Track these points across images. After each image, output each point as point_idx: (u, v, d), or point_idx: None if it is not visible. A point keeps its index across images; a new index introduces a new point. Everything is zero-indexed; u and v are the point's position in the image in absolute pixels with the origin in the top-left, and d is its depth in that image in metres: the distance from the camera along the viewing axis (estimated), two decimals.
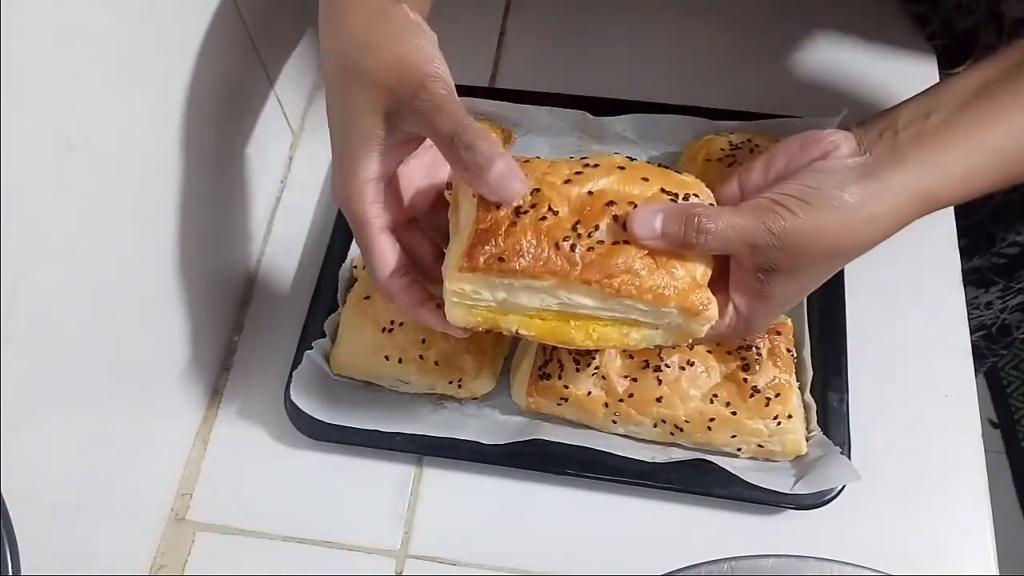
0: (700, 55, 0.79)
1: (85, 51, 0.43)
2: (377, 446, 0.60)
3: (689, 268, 0.44)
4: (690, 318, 0.44)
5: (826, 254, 0.45)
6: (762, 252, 0.43)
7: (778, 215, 0.43)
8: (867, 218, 0.43)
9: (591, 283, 0.43)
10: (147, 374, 0.55)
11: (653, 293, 0.43)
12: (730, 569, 0.47)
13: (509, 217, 0.43)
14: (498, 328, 0.45)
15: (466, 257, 0.43)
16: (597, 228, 0.43)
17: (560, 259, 0.43)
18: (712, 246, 0.43)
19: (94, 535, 0.52)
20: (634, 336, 0.46)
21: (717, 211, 0.44)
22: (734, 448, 0.58)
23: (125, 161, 0.49)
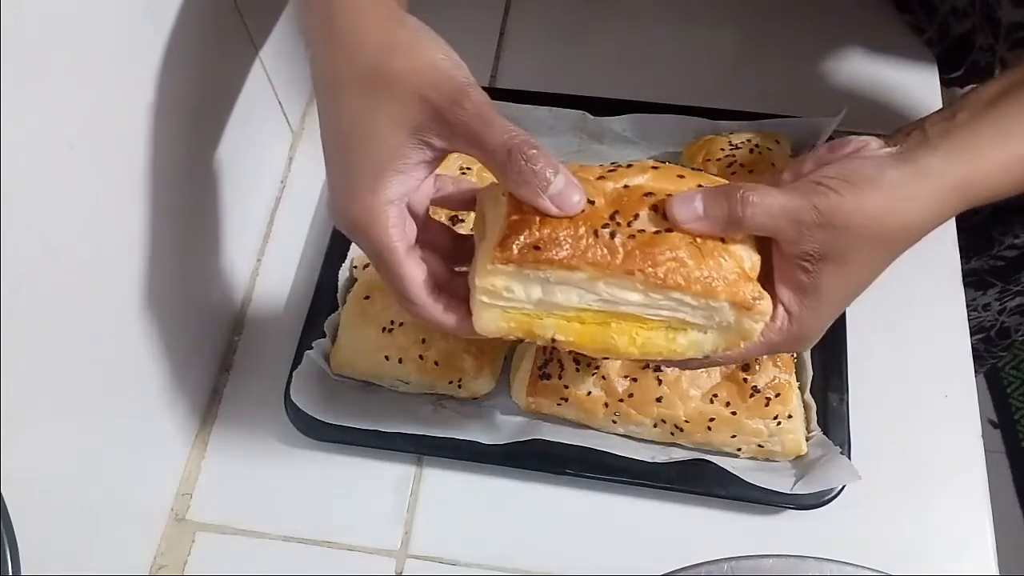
0: (700, 55, 0.79)
1: (85, 51, 0.43)
2: (377, 446, 0.60)
3: (737, 259, 0.41)
4: (742, 314, 0.41)
5: (871, 237, 0.42)
6: (808, 233, 0.41)
7: (822, 193, 0.41)
8: (907, 197, 0.42)
9: (634, 272, 0.39)
10: (147, 374, 0.55)
11: (702, 284, 0.39)
12: (730, 569, 0.47)
13: None
14: (532, 336, 0.42)
15: (499, 247, 0.39)
16: (636, 217, 0.41)
17: (600, 247, 0.39)
18: (759, 221, 0.41)
19: (94, 535, 0.52)
20: (681, 341, 0.42)
21: (760, 187, 0.42)
22: (734, 448, 0.58)
23: (125, 161, 0.49)
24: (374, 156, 0.41)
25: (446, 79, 0.40)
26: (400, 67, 0.40)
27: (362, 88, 0.41)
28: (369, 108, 0.40)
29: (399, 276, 0.43)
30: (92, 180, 0.46)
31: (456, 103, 0.39)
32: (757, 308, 0.40)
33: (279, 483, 0.61)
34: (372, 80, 0.40)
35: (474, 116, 0.39)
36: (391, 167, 0.41)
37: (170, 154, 0.53)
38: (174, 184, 0.55)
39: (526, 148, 0.39)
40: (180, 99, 0.53)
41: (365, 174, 0.41)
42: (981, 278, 0.86)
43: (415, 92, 0.40)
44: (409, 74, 0.40)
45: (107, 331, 0.50)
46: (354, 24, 0.42)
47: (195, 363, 0.62)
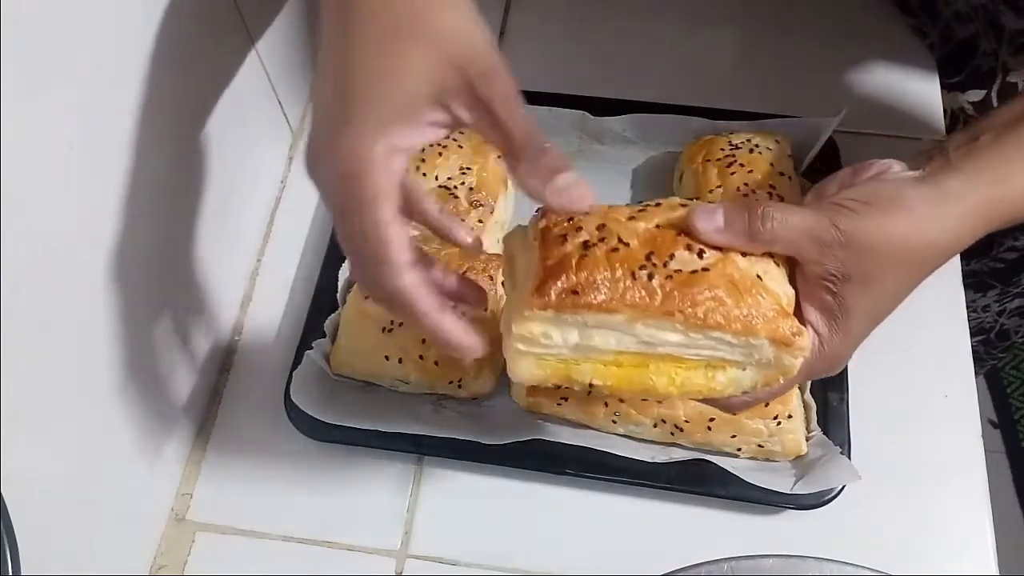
0: (700, 55, 0.79)
1: (85, 51, 0.43)
2: (377, 446, 0.60)
3: (774, 296, 0.41)
4: (781, 350, 0.41)
5: (895, 256, 0.42)
6: (829, 251, 0.41)
7: (843, 213, 0.41)
8: (932, 219, 0.42)
9: (674, 313, 0.39)
10: (147, 374, 0.55)
11: (741, 322, 0.39)
12: (730, 569, 0.47)
13: (579, 250, 0.40)
14: (569, 381, 0.42)
15: (536, 293, 0.39)
16: (672, 257, 0.40)
17: (638, 289, 0.39)
18: (780, 235, 0.41)
19: (94, 535, 0.52)
20: (720, 379, 0.42)
21: (781, 204, 0.42)
22: (734, 448, 0.58)
23: (125, 161, 0.49)
24: (392, 99, 0.37)
25: (483, 53, 0.38)
26: (438, 23, 0.38)
27: (391, 37, 0.37)
28: (401, 55, 0.37)
29: (385, 236, 0.37)
30: (92, 180, 0.46)
31: (489, 80, 0.38)
32: (797, 344, 0.40)
33: (279, 483, 0.61)
34: (404, 31, 0.37)
35: (504, 96, 0.38)
36: (407, 114, 0.37)
37: (170, 154, 0.53)
38: (174, 184, 0.55)
39: (540, 141, 0.39)
40: (180, 99, 0.53)
41: (376, 114, 0.37)
42: (981, 280, 0.86)
43: (452, 56, 0.37)
44: (447, 32, 0.38)
45: (107, 331, 0.50)
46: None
47: (195, 363, 0.62)
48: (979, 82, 0.75)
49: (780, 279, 0.42)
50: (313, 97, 0.40)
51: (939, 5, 0.75)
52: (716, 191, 0.63)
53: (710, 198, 0.63)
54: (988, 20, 0.72)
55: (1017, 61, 0.72)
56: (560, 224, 0.41)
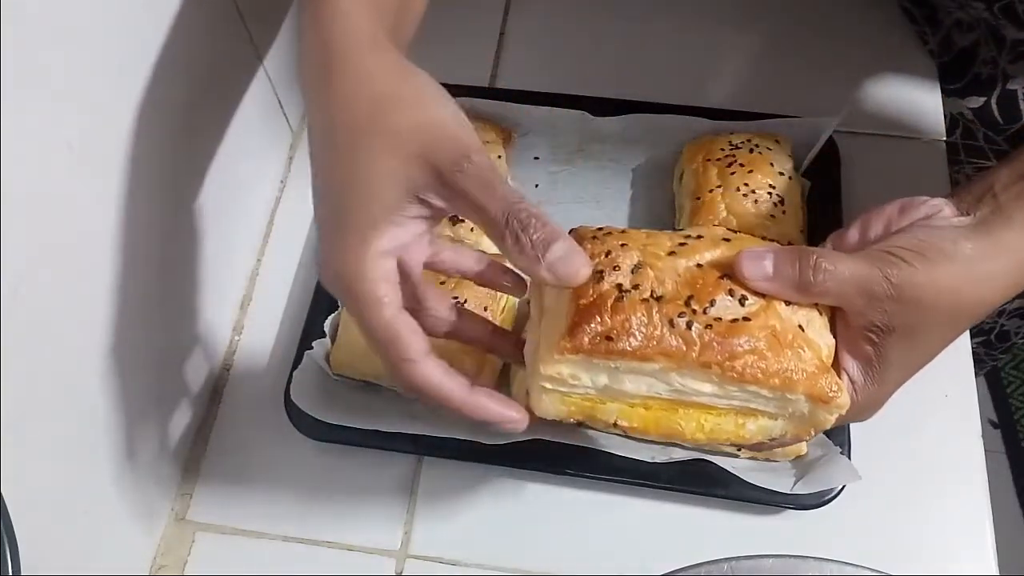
0: (700, 55, 0.79)
1: (85, 52, 0.43)
2: (377, 446, 0.60)
3: (815, 349, 0.39)
4: (818, 406, 0.39)
5: (943, 312, 0.41)
6: (878, 304, 0.39)
7: (895, 264, 0.39)
8: (984, 275, 0.41)
9: (711, 366, 0.38)
10: (147, 374, 0.55)
11: (780, 377, 0.38)
12: (730, 569, 0.47)
13: (614, 291, 0.38)
14: (593, 420, 0.40)
15: (568, 336, 0.37)
16: (713, 304, 0.38)
17: (676, 338, 0.37)
18: (830, 288, 0.39)
19: (94, 535, 0.52)
20: (750, 428, 0.41)
21: (833, 253, 0.40)
22: (734, 448, 0.58)
23: (124, 161, 0.49)
24: (368, 208, 0.38)
25: (449, 139, 0.38)
26: (402, 122, 0.38)
27: (361, 139, 0.39)
28: (367, 160, 0.38)
29: (390, 336, 0.38)
30: (92, 180, 0.46)
31: (457, 166, 0.37)
32: (835, 402, 0.39)
33: (279, 483, 0.61)
34: (372, 132, 0.38)
35: (474, 180, 0.37)
36: (385, 219, 0.38)
37: (170, 154, 0.53)
38: (173, 184, 0.55)
39: (523, 215, 0.37)
40: (180, 99, 0.53)
41: (357, 225, 0.38)
42: None
43: (416, 151, 0.38)
44: (411, 131, 0.38)
45: (106, 330, 0.50)
46: (357, 74, 0.40)
47: (195, 363, 0.62)
48: (979, 90, 0.74)
49: (822, 329, 0.41)
50: (313, 196, 0.41)
51: (940, 15, 0.75)
52: (716, 191, 0.63)
53: (710, 198, 0.63)
54: (988, 30, 0.72)
55: (1016, 68, 0.72)
56: (596, 256, 0.39)
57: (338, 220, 0.39)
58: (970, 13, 0.72)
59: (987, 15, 0.69)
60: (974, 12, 0.71)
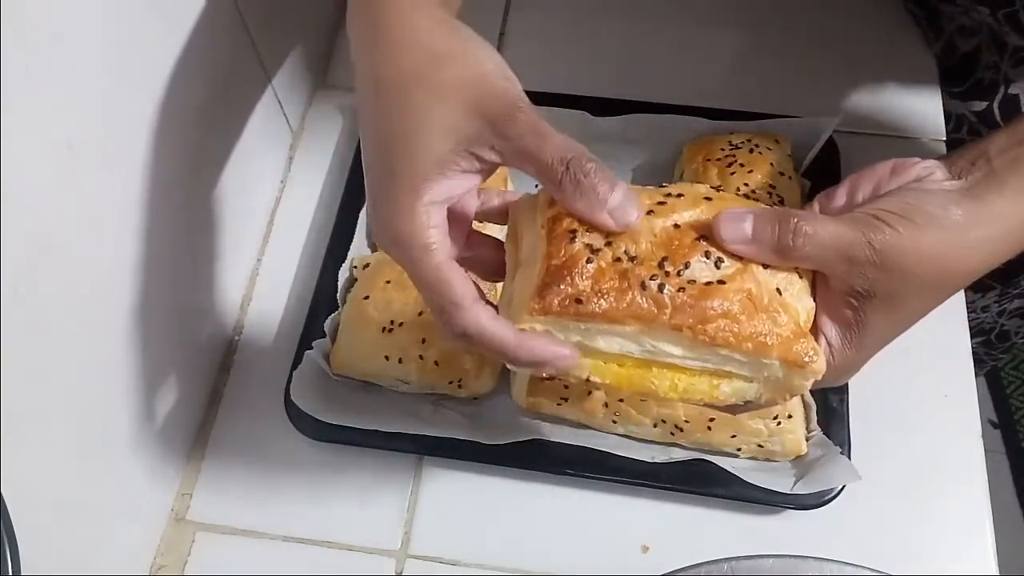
0: (700, 55, 0.79)
1: (85, 51, 0.43)
2: (377, 446, 0.60)
3: (793, 313, 0.39)
4: (793, 371, 0.39)
5: (926, 280, 0.40)
6: (859, 269, 0.39)
7: (879, 228, 0.38)
8: (971, 241, 0.40)
9: (682, 329, 0.37)
10: (147, 374, 0.55)
11: (753, 341, 0.37)
12: (730, 569, 0.47)
13: (585, 252, 0.38)
14: (567, 376, 0.40)
15: (537, 298, 0.37)
16: (687, 266, 0.38)
17: (646, 301, 0.37)
18: (809, 253, 0.38)
19: (94, 535, 0.52)
20: (724, 389, 0.40)
21: (815, 216, 0.39)
22: (734, 448, 0.58)
23: (124, 161, 0.49)
24: (420, 160, 0.38)
25: (499, 92, 0.39)
26: (452, 76, 0.39)
27: (410, 93, 0.39)
28: (417, 113, 0.38)
29: (439, 280, 0.39)
30: (92, 180, 0.46)
31: (510, 117, 0.38)
32: (810, 367, 0.38)
33: (279, 483, 0.61)
34: (420, 86, 0.39)
35: (528, 130, 0.38)
36: (436, 171, 0.38)
37: (170, 154, 0.53)
38: (174, 183, 0.55)
39: (584, 161, 0.38)
40: (180, 99, 0.53)
41: (407, 177, 0.38)
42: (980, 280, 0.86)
43: (467, 103, 0.38)
44: (461, 84, 0.38)
45: (106, 331, 0.50)
46: (404, 29, 0.40)
47: (195, 363, 0.62)
48: (981, 94, 0.74)
49: (802, 292, 0.40)
50: (363, 153, 0.42)
51: (943, 20, 0.75)
52: None
53: None
54: (990, 36, 0.72)
55: (1018, 73, 0.72)
56: (569, 216, 0.39)
57: (389, 171, 0.39)
58: (973, 18, 0.72)
59: (991, 20, 0.69)
60: (978, 17, 0.71)
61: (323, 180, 0.73)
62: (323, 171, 0.73)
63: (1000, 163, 0.41)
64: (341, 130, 0.75)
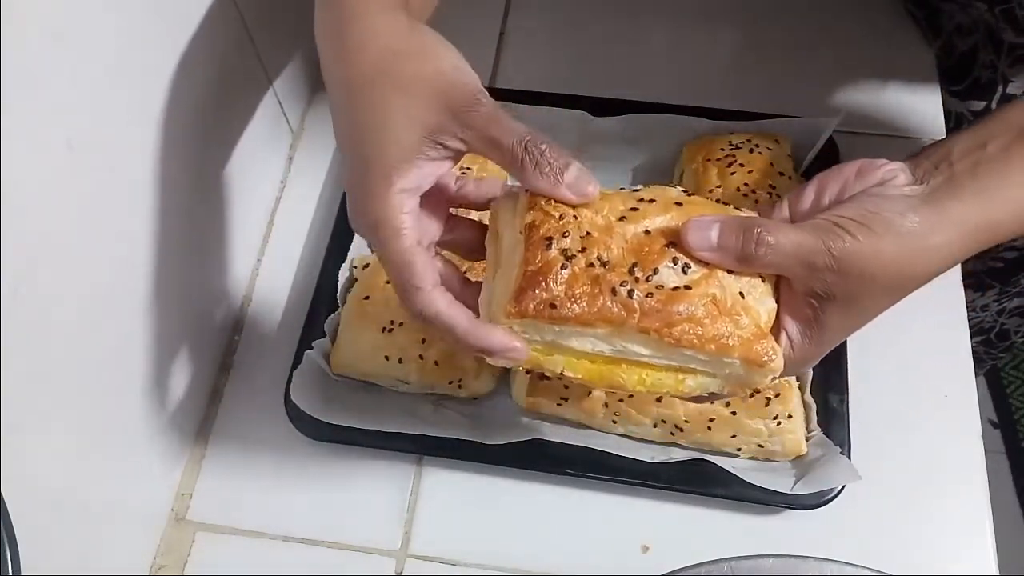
0: (700, 55, 0.79)
1: (85, 51, 0.43)
2: (377, 446, 0.60)
3: (754, 316, 0.41)
4: (753, 369, 0.41)
5: (883, 284, 0.42)
6: (819, 274, 0.41)
7: (839, 236, 0.40)
8: (928, 247, 0.41)
9: (650, 332, 0.40)
10: (147, 374, 0.55)
11: (716, 343, 0.40)
12: (730, 569, 0.47)
13: (560, 258, 0.40)
14: (542, 369, 0.43)
15: (514, 302, 0.40)
16: (656, 272, 0.40)
17: (616, 306, 0.40)
18: (771, 261, 0.41)
19: (94, 535, 0.52)
20: (689, 383, 0.43)
21: (777, 225, 0.42)
22: (734, 448, 0.58)
23: (124, 161, 0.49)
24: (389, 151, 0.41)
25: (459, 85, 0.41)
26: (413, 71, 0.41)
27: (376, 88, 0.41)
28: (384, 107, 0.41)
29: (404, 263, 0.41)
30: (92, 180, 0.46)
31: (470, 108, 0.40)
32: (769, 367, 0.41)
33: (279, 483, 0.61)
34: (384, 82, 0.41)
35: (488, 118, 0.40)
36: (405, 160, 0.41)
37: (170, 154, 0.53)
38: (174, 184, 0.55)
39: (539, 143, 0.40)
40: (180, 99, 0.53)
41: (379, 167, 0.41)
42: (979, 279, 0.86)
43: (430, 96, 0.41)
44: (423, 78, 0.41)
45: (107, 331, 0.50)
46: (365, 30, 0.43)
47: (195, 363, 0.62)
48: (979, 93, 0.75)
49: (764, 295, 0.42)
50: (338, 147, 0.45)
51: (942, 19, 0.75)
52: (716, 191, 0.63)
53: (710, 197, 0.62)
54: (987, 33, 0.72)
55: (1015, 72, 0.72)
56: (547, 222, 0.41)
57: (363, 161, 0.42)
58: (971, 14, 0.72)
59: (988, 16, 0.69)
60: (975, 13, 0.71)
61: (323, 180, 0.73)
62: (323, 171, 0.73)
63: (960, 168, 0.43)
64: None
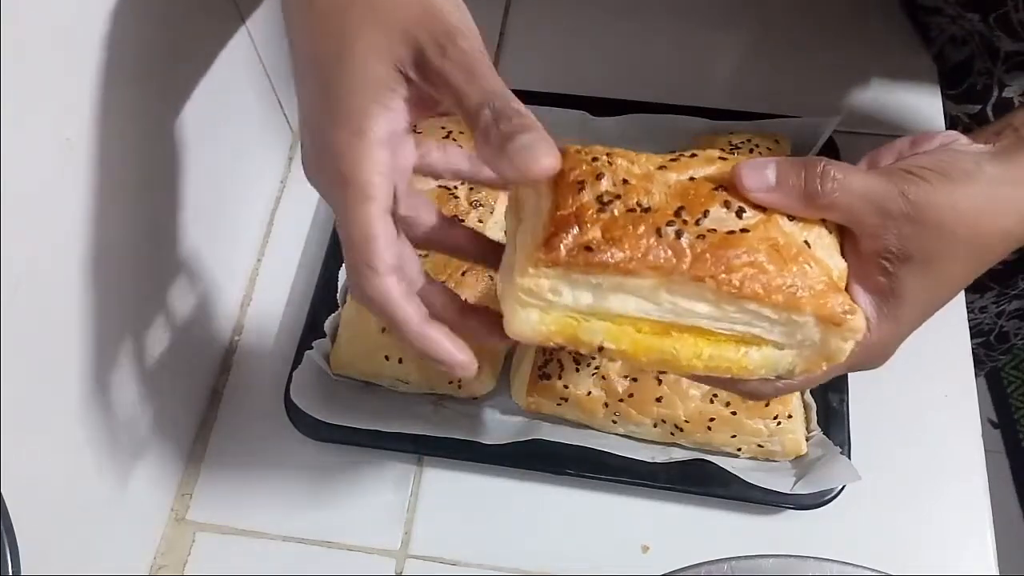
0: (700, 55, 0.79)
1: (85, 51, 0.43)
2: (377, 446, 0.60)
3: (824, 266, 0.35)
4: (830, 331, 0.35)
5: (963, 239, 0.37)
6: (893, 224, 0.36)
7: (914, 181, 0.36)
8: (1007, 199, 0.37)
9: (704, 279, 0.33)
10: (147, 374, 0.55)
11: (784, 294, 0.34)
12: (730, 569, 0.47)
13: (595, 202, 0.34)
14: (576, 342, 0.36)
15: (544, 247, 0.33)
16: (706, 215, 0.34)
17: (664, 249, 0.33)
18: (838, 200, 0.35)
19: (94, 535, 0.52)
20: (754, 357, 0.36)
21: (844, 164, 0.36)
22: (734, 448, 0.58)
23: (124, 161, 0.49)
24: (362, 88, 0.35)
25: (434, 18, 0.35)
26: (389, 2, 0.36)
27: (344, 13, 0.36)
28: (351, 32, 0.35)
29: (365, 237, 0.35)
30: (91, 180, 0.46)
31: (441, 47, 0.35)
32: (848, 324, 0.35)
33: (279, 483, 0.61)
34: (356, 6, 0.36)
35: (457, 64, 0.35)
36: (376, 100, 0.35)
37: (169, 154, 0.53)
38: (173, 184, 0.55)
39: (499, 103, 0.34)
40: (180, 98, 0.53)
41: (351, 108, 0.35)
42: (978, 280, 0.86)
43: (398, 24, 0.35)
44: (397, 5, 0.35)
45: (107, 330, 0.50)
46: None
47: (195, 363, 0.62)
48: (976, 98, 0.74)
49: (831, 249, 0.37)
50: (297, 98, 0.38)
51: (933, 32, 0.75)
52: None
53: None
54: (982, 44, 0.72)
55: (1012, 77, 0.72)
56: (579, 167, 0.35)
57: (326, 97, 0.36)
58: (964, 27, 0.71)
59: (982, 27, 0.69)
60: (968, 25, 0.71)
61: None
62: None
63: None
64: None
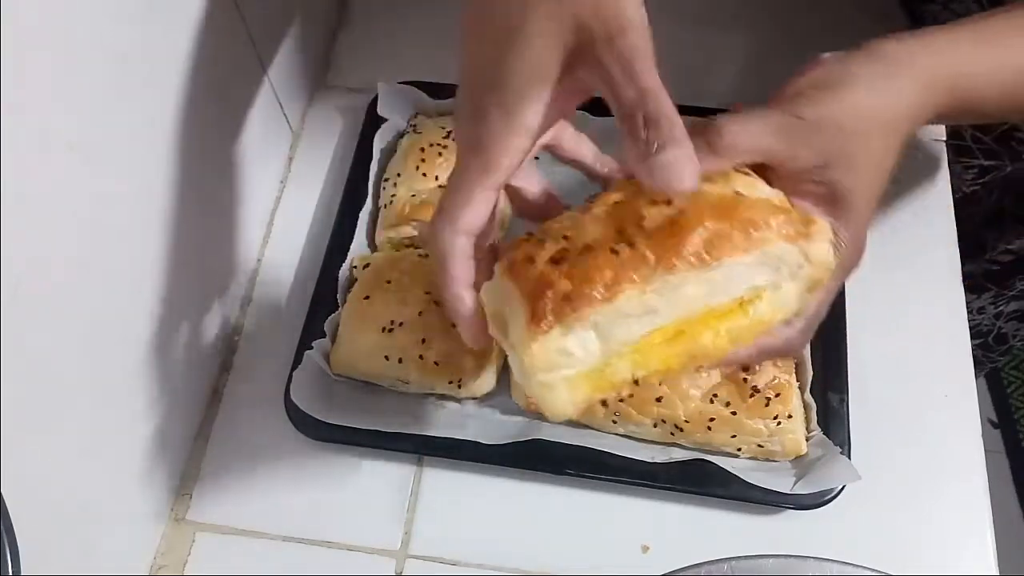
0: (700, 55, 0.79)
1: (85, 51, 0.43)
2: (377, 446, 0.60)
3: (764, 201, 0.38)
4: (806, 243, 0.37)
5: (866, 130, 0.40)
6: (801, 142, 0.39)
7: (800, 103, 0.39)
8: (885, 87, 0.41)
9: (675, 265, 0.36)
10: (147, 374, 0.55)
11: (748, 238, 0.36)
12: (730, 569, 0.47)
13: (550, 265, 0.37)
14: (613, 388, 0.38)
15: (533, 320, 0.36)
16: (643, 218, 0.37)
17: (628, 261, 0.36)
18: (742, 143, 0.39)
19: (94, 535, 0.52)
20: (762, 308, 0.38)
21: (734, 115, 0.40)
22: (734, 448, 0.58)
23: (124, 162, 0.49)
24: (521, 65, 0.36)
25: (613, 8, 0.36)
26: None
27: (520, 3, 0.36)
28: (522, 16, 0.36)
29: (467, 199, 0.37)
30: (91, 180, 0.46)
31: (609, 40, 0.35)
32: (816, 228, 0.37)
33: (279, 483, 0.61)
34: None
35: (619, 59, 0.35)
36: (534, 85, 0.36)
37: (169, 154, 0.53)
38: (173, 185, 0.55)
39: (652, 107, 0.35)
40: (180, 99, 0.53)
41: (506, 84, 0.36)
42: (976, 282, 0.86)
43: (574, 13, 0.35)
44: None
45: (107, 332, 0.50)
46: None
47: (195, 363, 0.62)
48: None
49: (760, 186, 0.40)
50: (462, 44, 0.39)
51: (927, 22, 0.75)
52: None
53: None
54: None
55: None
56: (521, 250, 0.39)
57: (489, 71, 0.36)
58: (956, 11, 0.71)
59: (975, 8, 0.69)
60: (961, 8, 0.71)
61: (323, 180, 0.73)
62: (323, 171, 0.73)
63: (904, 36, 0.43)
64: (341, 130, 0.75)
